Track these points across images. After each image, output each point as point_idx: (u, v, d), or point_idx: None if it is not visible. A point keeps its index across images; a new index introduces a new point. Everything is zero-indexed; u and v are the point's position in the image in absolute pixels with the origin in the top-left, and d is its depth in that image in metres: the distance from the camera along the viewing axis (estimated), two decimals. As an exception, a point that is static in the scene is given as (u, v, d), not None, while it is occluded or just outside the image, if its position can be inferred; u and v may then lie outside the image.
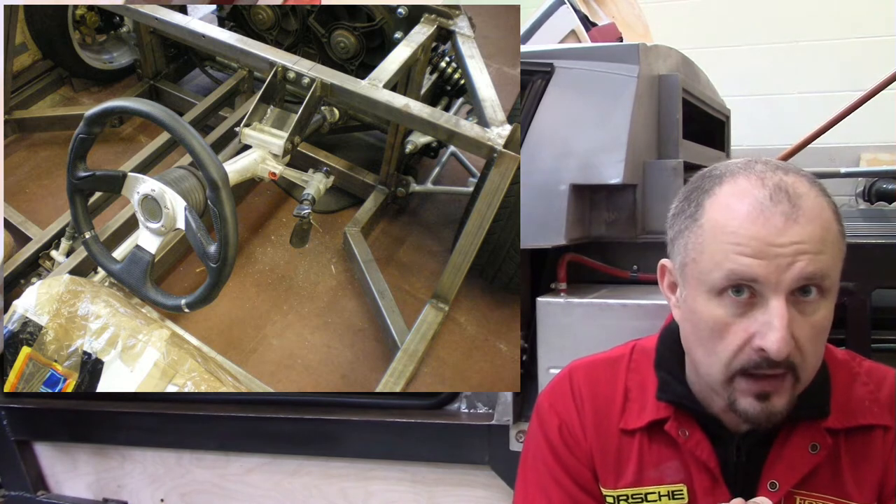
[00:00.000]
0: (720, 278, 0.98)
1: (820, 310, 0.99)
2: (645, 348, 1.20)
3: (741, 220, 0.98)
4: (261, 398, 1.96)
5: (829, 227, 0.99)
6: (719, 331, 1.00)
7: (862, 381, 1.12)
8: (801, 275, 0.96)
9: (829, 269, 0.98)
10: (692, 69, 2.17)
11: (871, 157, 3.62)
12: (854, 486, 1.08)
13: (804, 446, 1.08)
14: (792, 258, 0.95)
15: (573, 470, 1.18)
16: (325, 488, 1.94)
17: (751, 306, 0.98)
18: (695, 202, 1.04)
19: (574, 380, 1.21)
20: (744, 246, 0.97)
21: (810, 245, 0.96)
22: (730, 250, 0.98)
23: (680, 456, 1.12)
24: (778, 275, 0.96)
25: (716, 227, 1.00)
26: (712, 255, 1.00)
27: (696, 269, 1.02)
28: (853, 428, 1.09)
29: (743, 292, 0.98)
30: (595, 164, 1.63)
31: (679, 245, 1.06)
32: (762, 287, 0.97)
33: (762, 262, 0.96)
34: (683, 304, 1.08)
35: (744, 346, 0.99)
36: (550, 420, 1.21)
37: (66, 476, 2.24)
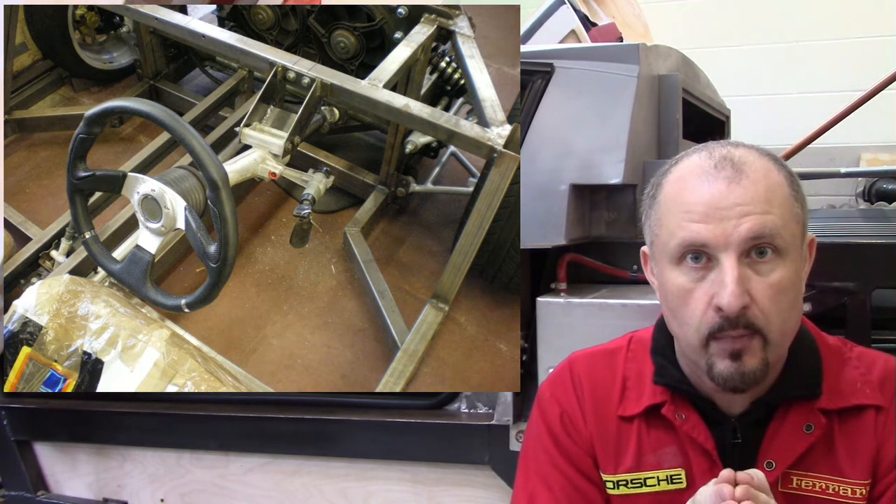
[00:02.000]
0: (676, 246, 1.04)
1: (776, 269, 1.02)
2: (642, 339, 1.23)
3: (690, 190, 1.05)
4: (261, 398, 1.96)
5: (776, 189, 1.04)
6: (684, 298, 1.05)
7: (853, 364, 1.15)
8: (748, 235, 1.00)
9: (777, 228, 1.01)
10: (692, 69, 2.17)
11: (871, 157, 3.63)
12: (848, 465, 1.10)
13: (799, 426, 1.10)
14: (737, 220, 1.00)
15: (574, 457, 1.20)
16: (325, 488, 1.94)
17: (708, 270, 1.03)
18: (655, 184, 1.12)
19: (574, 370, 1.23)
20: (692, 213, 1.03)
21: (754, 206, 1.01)
22: (682, 218, 1.04)
23: (678, 441, 1.14)
24: (725, 236, 1.01)
25: (669, 200, 1.08)
26: (668, 226, 1.06)
27: (659, 243, 1.09)
28: (846, 409, 1.11)
29: (701, 259, 1.03)
30: (595, 164, 1.63)
31: (647, 227, 1.13)
32: (714, 250, 1.02)
33: (709, 226, 1.01)
34: (657, 280, 1.13)
35: (706, 309, 1.03)
36: (552, 409, 1.23)
37: (66, 476, 2.24)
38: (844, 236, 1.53)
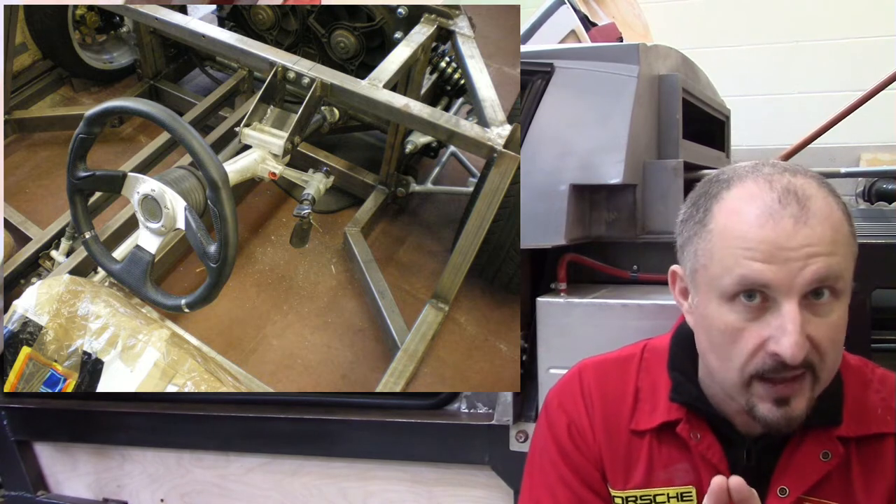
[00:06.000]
0: (731, 284, 0.97)
1: (834, 311, 0.98)
2: (656, 348, 1.19)
3: (750, 224, 0.97)
4: (261, 398, 1.96)
5: (840, 229, 0.98)
6: (732, 336, 0.99)
7: (875, 388, 1.11)
8: (814, 278, 0.95)
9: (841, 271, 0.96)
10: (692, 69, 2.17)
11: (871, 157, 3.62)
12: (864, 495, 1.07)
13: (815, 453, 1.07)
14: (803, 261, 0.94)
15: (581, 469, 1.17)
16: (325, 488, 1.94)
17: (763, 311, 0.97)
18: (703, 207, 1.04)
19: (584, 379, 1.20)
20: (754, 251, 0.96)
21: (821, 247, 0.95)
22: (740, 255, 0.97)
23: (690, 458, 1.11)
24: (790, 279, 0.94)
25: (725, 232, 0.99)
26: (722, 260, 0.99)
27: (706, 275, 1.02)
28: (865, 437, 1.08)
29: (755, 297, 0.97)
30: (595, 164, 1.63)
31: (689, 251, 1.05)
32: (774, 292, 0.95)
33: (773, 267, 0.95)
34: (696, 310, 1.07)
35: (757, 351, 0.98)
36: (559, 419, 1.20)
37: (66, 476, 2.24)
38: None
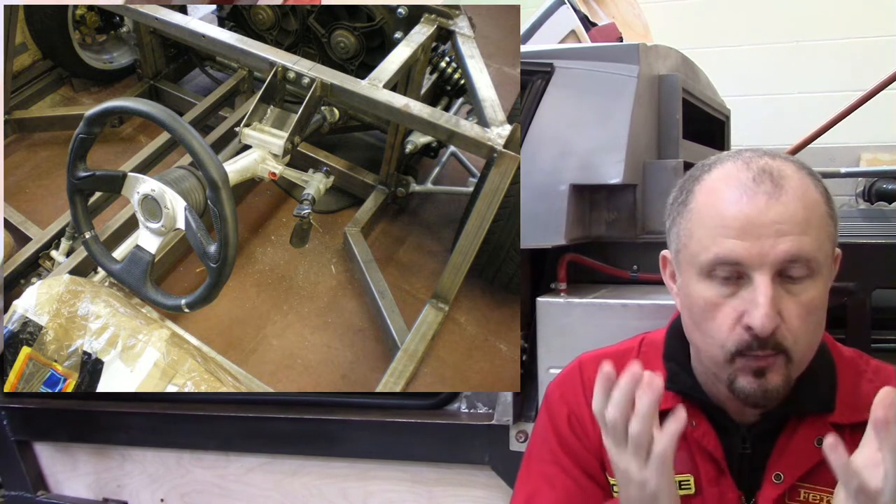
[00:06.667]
0: (707, 260, 1.01)
1: (809, 290, 1.00)
2: (653, 341, 1.22)
3: (726, 201, 1.01)
4: (261, 398, 1.96)
5: (815, 208, 1.01)
6: (711, 311, 1.02)
7: (868, 378, 1.13)
8: (785, 254, 0.98)
9: (813, 250, 0.99)
10: (692, 69, 2.17)
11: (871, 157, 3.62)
12: None
13: (810, 440, 1.09)
14: (775, 238, 0.98)
15: (580, 457, 1.19)
16: (325, 488, 1.94)
17: (739, 286, 1.01)
18: (686, 190, 1.08)
19: (584, 371, 1.22)
20: (728, 227, 0.99)
21: (793, 225, 0.98)
22: (716, 233, 1.01)
23: (686, 446, 1.13)
24: (762, 254, 0.98)
25: (702, 211, 1.04)
26: (700, 238, 1.03)
27: (687, 253, 1.06)
28: (859, 423, 1.08)
29: (730, 273, 1.00)
30: (595, 164, 1.63)
31: (673, 233, 1.10)
32: (747, 267, 0.99)
33: (745, 243, 0.98)
34: (680, 290, 1.10)
35: (734, 326, 1.01)
36: (560, 410, 1.22)
37: (66, 476, 2.24)
38: (844, 236, 1.51)
